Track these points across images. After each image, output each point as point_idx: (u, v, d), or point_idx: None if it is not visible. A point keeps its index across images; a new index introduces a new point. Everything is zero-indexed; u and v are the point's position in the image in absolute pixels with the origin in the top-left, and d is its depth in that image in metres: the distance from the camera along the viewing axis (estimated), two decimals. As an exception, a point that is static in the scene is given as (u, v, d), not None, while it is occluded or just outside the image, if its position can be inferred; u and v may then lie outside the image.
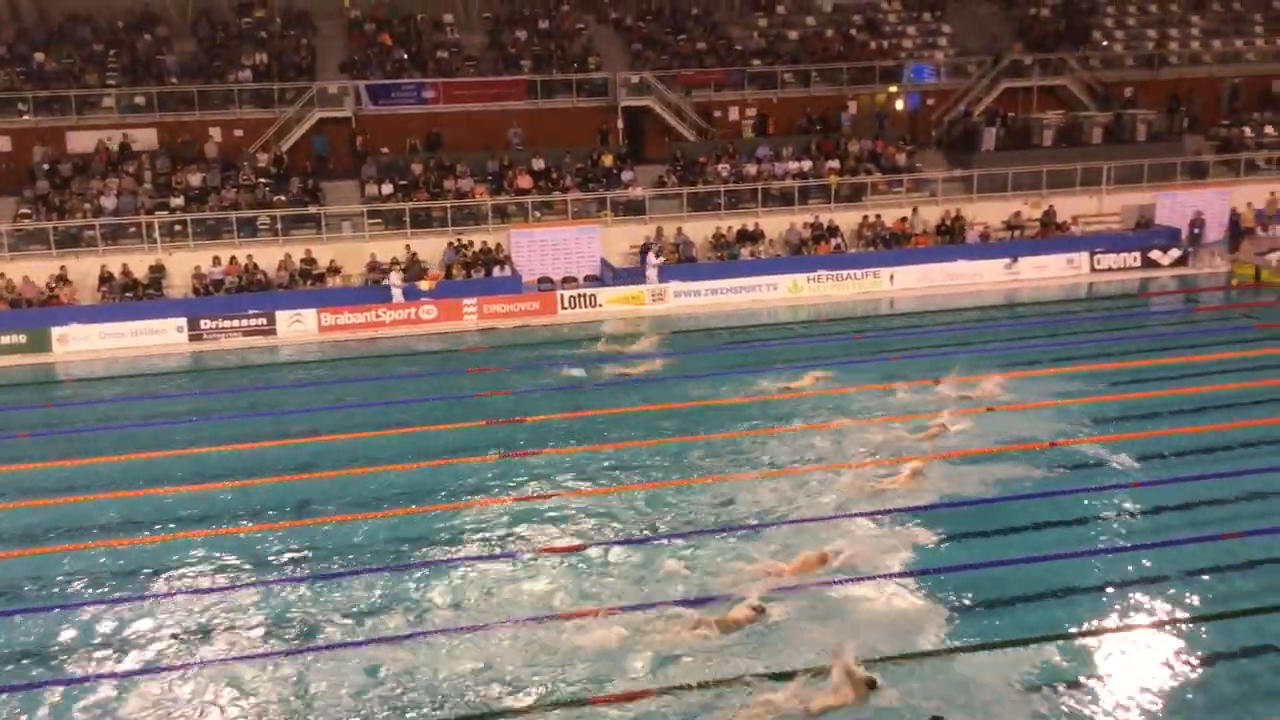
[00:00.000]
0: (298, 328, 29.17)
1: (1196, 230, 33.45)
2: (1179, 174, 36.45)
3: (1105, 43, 41.02)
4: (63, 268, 29.74)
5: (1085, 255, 32.86)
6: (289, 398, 24.19)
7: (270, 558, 16.02)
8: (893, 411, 20.87)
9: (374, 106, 35.16)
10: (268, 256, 30.87)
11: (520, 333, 29.07)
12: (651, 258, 31.67)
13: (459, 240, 31.90)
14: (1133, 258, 33.00)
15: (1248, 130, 38.56)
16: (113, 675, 13.06)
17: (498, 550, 15.93)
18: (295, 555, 16.09)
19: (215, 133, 34.27)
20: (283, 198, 32.28)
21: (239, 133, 34.31)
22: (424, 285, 30.43)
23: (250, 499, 18.06)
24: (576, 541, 16.03)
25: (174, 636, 13.92)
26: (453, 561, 15.64)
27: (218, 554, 16.12)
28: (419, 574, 15.29)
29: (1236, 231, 34.50)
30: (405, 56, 36.58)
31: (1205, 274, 32.57)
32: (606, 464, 19.07)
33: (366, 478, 18.77)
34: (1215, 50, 41.38)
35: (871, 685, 11.68)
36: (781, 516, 16.54)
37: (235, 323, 28.89)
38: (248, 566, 15.77)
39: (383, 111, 35.18)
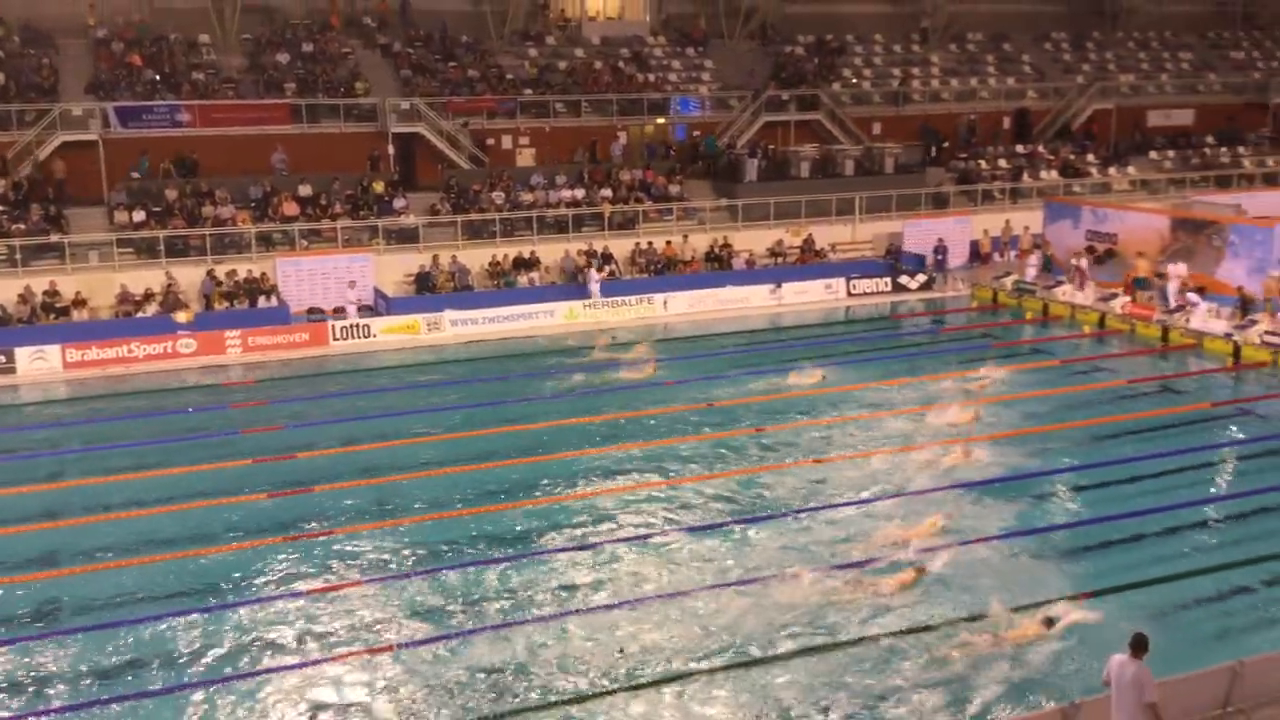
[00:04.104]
0: (40, 365, 27.09)
1: (940, 256, 35.89)
2: (923, 204, 39.08)
3: (855, 80, 43.56)
4: None
5: (842, 280, 34.67)
6: (30, 440, 22.45)
7: (10, 613, 14.78)
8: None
9: (123, 129, 33.21)
10: (5, 289, 28.61)
11: (289, 365, 28.10)
12: (594, 273, 31.91)
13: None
14: (884, 283, 35.05)
15: (984, 163, 41.77)
16: None
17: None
18: (40, 610, 14.94)
19: (-56, 156, 31.59)
20: (22, 226, 30.00)
21: (-29, 156, 31.70)
22: (182, 317, 28.90)
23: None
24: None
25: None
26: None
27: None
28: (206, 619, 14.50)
29: (976, 257, 37.38)
30: (157, 78, 34.79)
31: (950, 297, 34.98)
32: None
33: (118, 524, 17.66)
34: (953, 88, 44.68)
35: (1049, 623, 13.80)
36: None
37: (-32, 361, 26.62)
38: (-15, 625, 14.51)
39: (132, 134, 33.27)
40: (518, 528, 17.47)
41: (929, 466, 19.66)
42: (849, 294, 34.52)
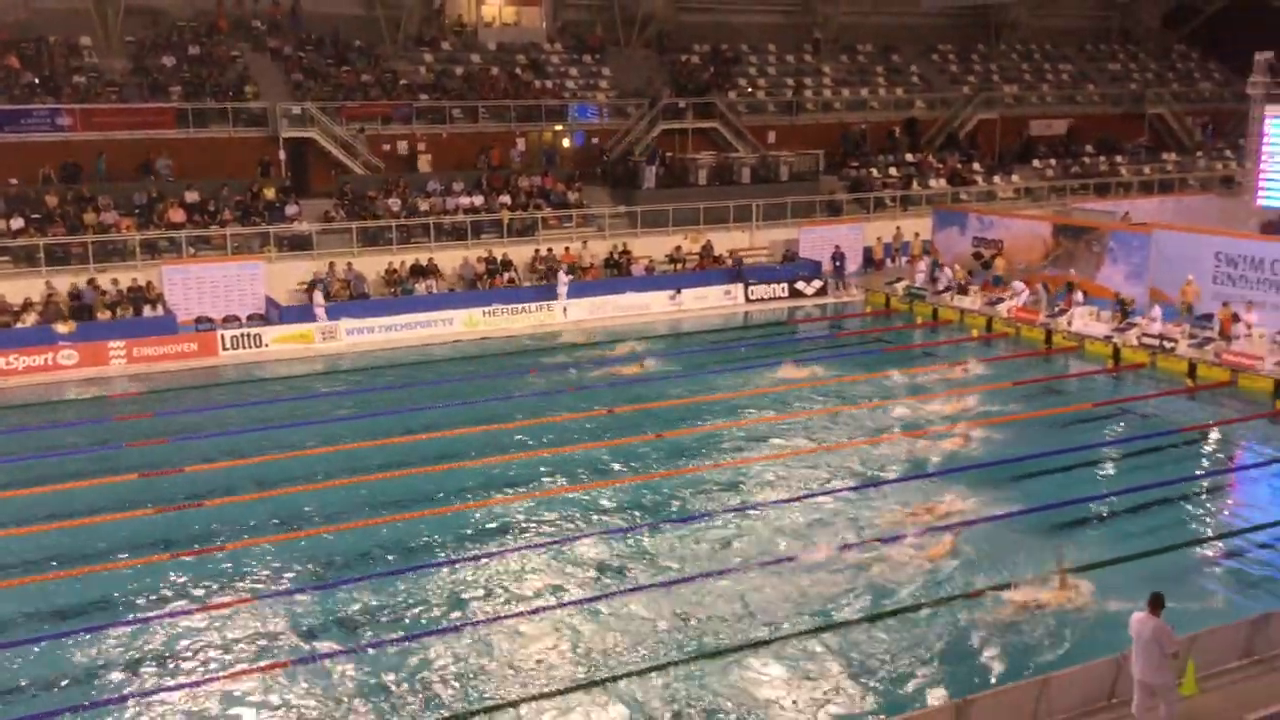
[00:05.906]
0: (-91, 379, 25.94)
1: (838, 263, 36.51)
2: (818, 211, 39.74)
3: (750, 89, 44.10)
4: None
5: (740, 286, 35.07)
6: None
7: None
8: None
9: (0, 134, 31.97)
10: None
11: (176, 376, 27.28)
12: (563, 275, 32.15)
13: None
14: (781, 288, 35.57)
15: (874, 171, 42.66)
16: None
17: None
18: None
19: None
20: (-112, 233, 28.65)
21: None
22: (62, 328, 27.85)
23: None
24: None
25: None
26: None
27: None
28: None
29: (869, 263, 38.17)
30: (36, 80, 33.48)
31: (844, 302, 35.63)
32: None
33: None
34: (845, 98, 45.53)
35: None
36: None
37: None
38: None
39: (10, 139, 31.97)
40: (421, 539, 17.21)
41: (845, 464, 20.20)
42: (747, 299, 34.92)
